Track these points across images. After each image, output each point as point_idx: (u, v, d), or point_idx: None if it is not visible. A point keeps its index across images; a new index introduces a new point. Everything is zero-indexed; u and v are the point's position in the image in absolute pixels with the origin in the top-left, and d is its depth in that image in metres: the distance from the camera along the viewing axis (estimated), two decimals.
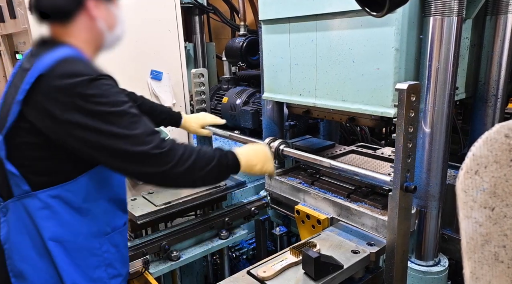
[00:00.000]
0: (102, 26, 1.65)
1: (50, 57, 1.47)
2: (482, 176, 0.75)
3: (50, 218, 1.57)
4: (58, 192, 1.56)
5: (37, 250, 1.60)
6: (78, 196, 1.60)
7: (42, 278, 1.61)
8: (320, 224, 2.20)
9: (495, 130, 0.74)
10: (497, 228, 0.75)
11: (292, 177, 2.60)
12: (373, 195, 2.23)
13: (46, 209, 1.56)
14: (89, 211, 1.64)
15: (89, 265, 1.66)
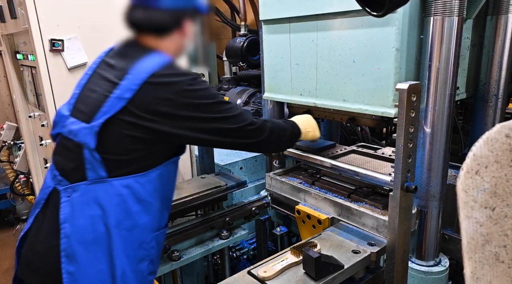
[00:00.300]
0: (187, 41, 1.88)
1: (152, 61, 1.67)
2: (483, 176, 0.75)
3: (118, 205, 1.68)
4: (130, 182, 1.68)
5: (96, 235, 1.66)
6: (145, 189, 1.72)
7: (93, 262, 1.66)
8: (321, 224, 2.20)
9: (495, 130, 0.74)
10: (497, 228, 0.75)
11: (292, 177, 2.60)
12: (374, 195, 2.23)
13: (117, 196, 1.67)
14: (150, 206, 1.75)
15: (136, 257, 1.74)
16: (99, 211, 1.66)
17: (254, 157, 3.56)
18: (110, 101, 1.64)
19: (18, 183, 4.91)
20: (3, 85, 5.79)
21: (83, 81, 1.83)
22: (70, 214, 1.66)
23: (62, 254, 1.65)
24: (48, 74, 2.53)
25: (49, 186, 1.75)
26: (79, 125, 1.68)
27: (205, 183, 2.75)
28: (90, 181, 1.66)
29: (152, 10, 1.74)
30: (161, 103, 1.63)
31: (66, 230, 1.65)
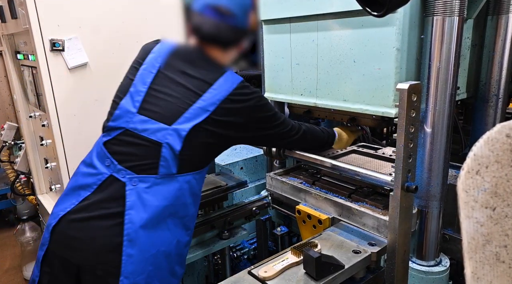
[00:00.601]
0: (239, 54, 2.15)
1: (231, 79, 1.94)
2: (483, 176, 0.75)
3: (178, 198, 1.91)
4: (190, 179, 1.93)
5: (158, 222, 1.86)
6: (198, 184, 2.01)
7: (150, 247, 1.85)
8: (321, 224, 2.20)
9: (496, 130, 0.74)
10: (498, 228, 0.75)
11: (293, 177, 2.61)
12: (374, 195, 2.23)
13: (179, 190, 1.90)
14: (197, 198, 2.05)
15: (182, 242, 1.98)
16: (163, 202, 1.86)
17: (255, 157, 3.56)
18: (193, 110, 1.87)
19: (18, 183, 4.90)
20: (4, 85, 5.79)
21: (147, 79, 1.97)
22: (136, 202, 1.83)
23: (125, 238, 1.80)
24: (49, 74, 2.53)
25: (103, 173, 1.89)
26: (156, 125, 1.87)
27: (205, 183, 2.75)
28: (160, 176, 1.86)
29: (223, 25, 2.00)
30: (238, 116, 1.92)
31: (131, 216, 1.81)
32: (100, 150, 1.95)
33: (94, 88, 2.65)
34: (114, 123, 1.95)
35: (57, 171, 2.74)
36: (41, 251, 1.92)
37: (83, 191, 1.90)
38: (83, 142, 2.65)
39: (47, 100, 2.55)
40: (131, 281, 1.81)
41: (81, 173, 1.97)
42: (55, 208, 1.95)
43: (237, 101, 1.91)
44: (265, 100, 2.04)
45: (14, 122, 4.79)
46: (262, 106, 2.00)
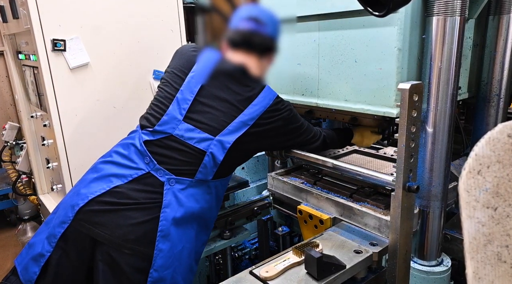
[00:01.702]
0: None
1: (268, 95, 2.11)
2: (485, 176, 0.75)
3: (207, 202, 2.09)
4: (218, 184, 2.13)
5: (187, 221, 2.02)
6: (223, 189, 2.22)
7: (179, 243, 1.99)
8: (323, 224, 2.20)
9: (497, 130, 0.74)
10: (499, 228, 0.75)
11: (294, 177, 2.61)
12: (376, 195, 2.23)
13: (208, 194, 2.09)
14: (220, 202, 2.24)
15: (202, 240, 2.16)
16: (195, 204, 2.03)
17: (256, 157, 3.56)
18: (236, 123, 2.04)
19: (20, 183, 4.90)
20: (5, 85, 5.80)
21: (195, 88, 2.11)
22: (172, 201, 1.98)
23: (159, 234, 1.93)
24: (50, 74, 2.53)
25: (142, 168, 2.03)
26: (202, 135, 2.03)
27: None
28: (196, 180, 2.03)
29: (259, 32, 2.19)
30: (272, 128, 2.11)
31: (166, 214, 1.96)
32: (140, 147, 2.07)
33: (96, 88, 2.65)
34: (160, 127, 2.08)
35: (59, 171, 2.74)
36: (60, 228, 1.98)
37: (116, 179, 2.01)
38: (84, 142, 2.65)
39: (49, 100, 2.55)
40: (160, 274, 1.94)
41: (114, 162, 2.08)
42: (83, 189, 2.02)
43: (272, 115, 2.09)
44: (294, 111, 2.19)
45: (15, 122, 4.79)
46: (293, 117, 2.17)
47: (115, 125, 2.71)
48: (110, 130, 2.69)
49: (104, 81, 2.65)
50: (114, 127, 2.70)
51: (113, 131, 2.66)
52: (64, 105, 2.58)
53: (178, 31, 2.95)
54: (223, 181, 2.17)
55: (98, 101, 2.65)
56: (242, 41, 2.19)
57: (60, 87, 2.56)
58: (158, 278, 1.94)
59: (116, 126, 2.70)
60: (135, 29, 2.72)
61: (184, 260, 2.02)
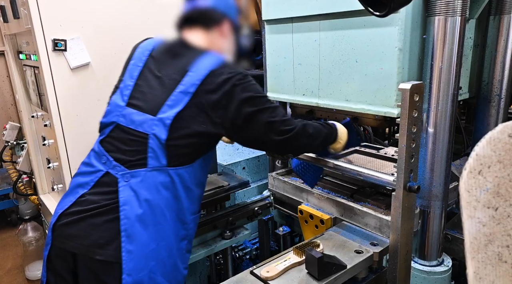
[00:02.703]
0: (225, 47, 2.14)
1: (210, 59, 1.91)
2: (486, 176, 0.75)
3: (171, 191, 1.92)
4: (181, 172, 1.92)
5: (153, 216, 1.88)
6: (190, 178, 1.97)
7: (149, 241, 1.87)
8: (324, 224, 2.20)
9: (498, 130, 0.74)
10: (500, 228, 0.75)
11: (295, 177, 2.60)
12: (376, 195, 2.23)
13: (171, 183, 1.91)
14: (192, 192, 2.01)
15: (180, 236, 2.00)
16: (156, 195, 1.88)
17: (257, 157, 3.56)
18: (175, 96, 1.87)
19: (21, 183, 4.91)
20: (6, 85, 5.80)
21: (134, 73, 2.02)
22: (130, 197, 1.86)
23: (123, 234, 1.83)
24: (51, 74, 2.53)
25: (100, 170, 1.94)
26: (143, 116, 1.90)
27: (208, 183, 2.75)
28: (150, 168, 1.88)
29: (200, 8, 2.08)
30: (220, 97, 1.85)
31: (126, 212, 1.84)
32: (97, 149, 2.00)
33: (96, 88, 2.65)
34: (105, 118, 2.01)
35: (59, 171, 2.74)
36: (45, 251, 1.96)
37: (81, 189, 1.95)
38: (85, 142, 2.65)
39: (49, 100, 2.55)
40: (134, 278, 1.83)
41: (80, 173, 2.02)
42: (56, 208, 1.99)
43: (218, 81, 1.86)
44: (250, 80, 1.94)
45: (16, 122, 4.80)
46: (246, 86, 1.90)
47: None
48: None
49: (105, 81, 2.65)
50: None
51: None
52: (65, 105, 2.58)
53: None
54: (188, 169, 1.95)
55: (99, 101, 2.65)
56: (183, 20, 2.10)
57: (61, 87, 2.56)
58: (133, 282, 1.83)
59: None
60: (136, 29, 2.72)
61: (162, 259, 1.92)
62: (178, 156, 1.91)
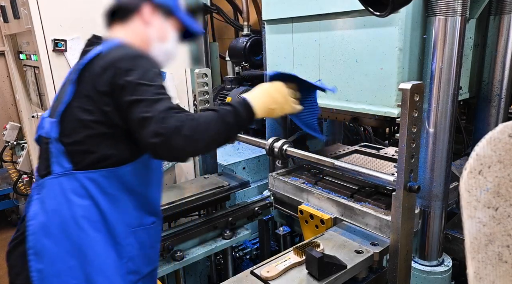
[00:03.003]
0: (152, 33, 1.85)
1: (104, 45, 1.69)
2: (486, 176, 0.75)
3: (85, 198, 1.65)
4: (95, 176, 1.65)
5: (65, 228, 1.63)
6: (111, 184, 1.68)
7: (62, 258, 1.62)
8: (324, 224, 2.20)
9: (498, 130, 0.74)
10: (500, 228, 0.75)
11: (295, 177, 2.61)
12: (377, 195, 2.23)
13: (82, 188, 1.64)
14: (117, 200, 1.70)
15: (111, 253, 1.70)
16: (65, 204, 1.63)
17: (257, 157, 3.56)
18: (65, 89, 1.69)
19: (21, 183, 4.91)
20: (6, 85, 5.80)
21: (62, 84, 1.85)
22: (38, 210, 1.66)
23: (30, 252, 1.63)
24: (51, 74, 2.53)
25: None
26: (48, 121, 1.72)
27: (208, 183, 2.76)
28: (55, 175, 1.65)
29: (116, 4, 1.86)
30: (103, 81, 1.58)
31: (32, 227, 1.64)
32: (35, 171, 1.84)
33: None
34: (36, 135, 1.84)
35: None
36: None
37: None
38: None
39: (50, 100, 2.55)
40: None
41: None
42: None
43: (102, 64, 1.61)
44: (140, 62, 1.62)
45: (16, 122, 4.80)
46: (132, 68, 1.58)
47: None
48: None
49: None
50: None
51: None
52: None
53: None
54: (106, 173, 1.66)
55: None
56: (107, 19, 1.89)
57: None
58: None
59: None
60: None
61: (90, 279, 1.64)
62: (83, 157, 1.65)
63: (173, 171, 3.03)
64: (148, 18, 1.82)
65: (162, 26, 1.87)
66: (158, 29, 1.86)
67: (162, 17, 1.86)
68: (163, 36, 1.88)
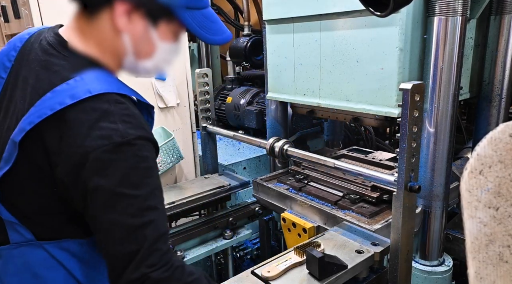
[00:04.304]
0: (126, 43, 1.28)
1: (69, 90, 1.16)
2: (487, 176, 0.75)
3: (56, 269, 1.32)
4: (68, 245, 1.31)
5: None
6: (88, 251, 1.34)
7: None
8: (306, 233, 2.17)
9: (499, 129, 0.74)
10: (501, 228, 0.75)
11: (280, 183, 2.59)
12: (362, 202, 2.20)
13: (52, 259, 1.30)
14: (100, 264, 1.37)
15: None
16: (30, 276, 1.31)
17: (258, 157, 3.56)
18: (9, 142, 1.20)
19: None
20: None
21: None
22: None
23: None
24: None
25: None
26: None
27: (208, 183, 2.76)
28: (15, 245, 1.29)
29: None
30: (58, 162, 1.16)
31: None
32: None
33: None
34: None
35: None
36: None
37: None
38: None
39: None
40: None
41: None
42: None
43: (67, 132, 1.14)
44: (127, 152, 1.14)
45: None
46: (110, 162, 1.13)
47: None
48: None
49: None
50: None
51: None
52: None
53: None
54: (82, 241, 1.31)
55: None
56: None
57: None
58: None
59: None
60: None
61: None
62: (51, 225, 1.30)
63: (173, 171, 3.02)
64: (120, 22, 1.23)
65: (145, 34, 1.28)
66: (137, 39, 1.28)
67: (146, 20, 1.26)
68: (145, 51, 1.32)
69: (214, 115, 2.97)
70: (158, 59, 1.36)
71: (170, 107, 2.92)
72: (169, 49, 1.36)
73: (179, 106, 2.99)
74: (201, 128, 2.94)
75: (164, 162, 2.79)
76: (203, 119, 2.93)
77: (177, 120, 3.00)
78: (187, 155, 3.05)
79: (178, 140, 2.91)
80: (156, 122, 2.82)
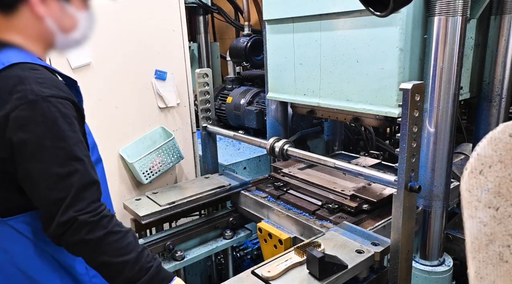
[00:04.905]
0: (51, 25, 1.39)
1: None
2: (487, 175, 0.75)
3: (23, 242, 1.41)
4: (29, 219, 1.39)
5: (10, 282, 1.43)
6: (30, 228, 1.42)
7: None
8: (282, 245, 2.13)
9: (499, 129, 0.74)
10: (501, 228, 0.75)
11: (259, 191, 2.57)
12: (340, 212, 2.19)
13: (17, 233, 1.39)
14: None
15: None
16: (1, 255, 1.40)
17: (258, 157, 3.56)
18: None
19: None
20: None
21: None
22: None
23: None
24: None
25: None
26: None
27: (208, 183, 2.75)
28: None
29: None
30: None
31: None
32: None
33: (97, 88, 2.65)
34: None
35: None
36: None
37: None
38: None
39: None
40: None
41: None
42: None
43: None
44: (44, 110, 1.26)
45: None
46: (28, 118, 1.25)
47: (116, 125, 2.71)
48: (112, 130, 2.69)
49: (106, 81, 2.65)
50: (116, 127, 2.70)
51: (114, 131, 2.66)
52: None
53: (180, 31, 2.95)
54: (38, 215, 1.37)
55: (100, 101, 2.65)
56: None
57: None
58: None
59: (117, 126, 2.70)
60: (137, 29, 2.72)
61: None
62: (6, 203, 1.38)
63: (173, 171, 3.02)
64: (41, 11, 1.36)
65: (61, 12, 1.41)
66: (57, 18, 1.40)
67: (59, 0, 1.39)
68: (67, 25, 1.44)
69: (214, 115, 2.97)
70: (82, 27, 1.48)
71: (170, 107, 2.92)
72: (87, 16, 1.49)
73: (179, 106, 2.99)
74: (201, 128, 2.93)
75: (164, 162, 2.79)
76: (203, 119, 2.92)
77: (177, 120, 2.99)
78: (187, 155, 3.05)
79: (178, 140, 2.91)
80: (156, 122, 2.83)
